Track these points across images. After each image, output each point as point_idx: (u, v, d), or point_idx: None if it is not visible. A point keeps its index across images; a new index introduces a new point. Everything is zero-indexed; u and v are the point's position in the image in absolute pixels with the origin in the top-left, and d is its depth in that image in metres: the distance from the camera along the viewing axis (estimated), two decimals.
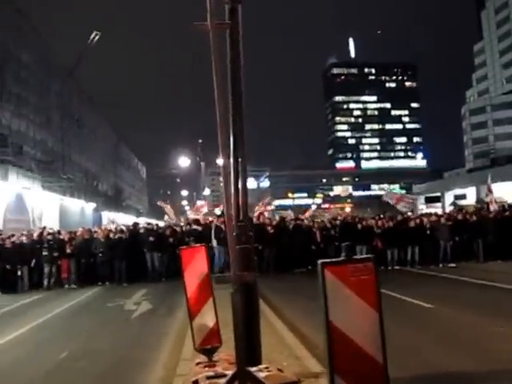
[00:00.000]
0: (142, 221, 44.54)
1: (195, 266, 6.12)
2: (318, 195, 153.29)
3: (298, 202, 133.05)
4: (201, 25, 4.90)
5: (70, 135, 55.37)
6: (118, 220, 43.75)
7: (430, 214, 23.68)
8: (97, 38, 60.66)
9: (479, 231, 19.78)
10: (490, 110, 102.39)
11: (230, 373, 5.11)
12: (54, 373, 7.41)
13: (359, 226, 20.55)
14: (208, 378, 5.09)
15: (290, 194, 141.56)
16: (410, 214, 26.11)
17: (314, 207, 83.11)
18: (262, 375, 4.85)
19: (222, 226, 19.66)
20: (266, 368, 5.22)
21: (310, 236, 19.99)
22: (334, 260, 3.25)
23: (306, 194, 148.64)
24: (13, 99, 39.37)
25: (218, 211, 25.74)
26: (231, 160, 5.38)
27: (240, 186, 5.40)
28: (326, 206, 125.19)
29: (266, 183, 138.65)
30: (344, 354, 3.05)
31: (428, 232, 20.03)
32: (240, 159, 5.42)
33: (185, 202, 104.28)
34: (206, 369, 5.74)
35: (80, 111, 59.91)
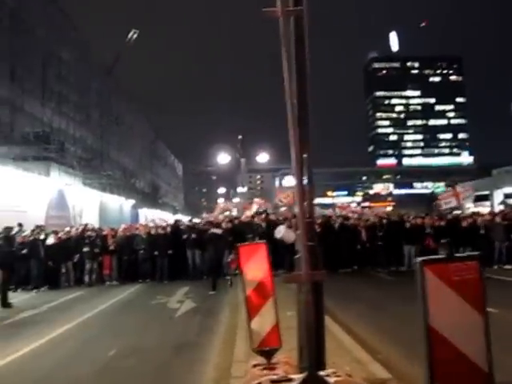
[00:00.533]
0: (178, 218, 44.72)
1: (255, 263, 5.78)
2: (358, 193, 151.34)
3: (337, 200, 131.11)
4: (271, 11, 4.70)
5: (108, 133, 55.88)
6: (155, 217, 43.89)
7: (481, 214, 22.79)
8: (135, 36, 61.07)
9: None
10: None
11: (295, 377, 4.77)
12: (103, 371, 7.23)
13: (407, 224, 19.92)
14: (272, 381, 4.73)
15: (329, 193, 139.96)
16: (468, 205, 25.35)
17: (353, 205, 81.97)
18: (331, 381, 4.48)
19: (263, 224, 19.45)
20: (334, 373, 4.84)
21: (356, 235, 19.46)
22: (434, 257, 2.89)
23: (345, 192, 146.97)
24: (54, 97, 39.83)
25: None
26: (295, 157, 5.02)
27: (306, 183, 5.06)
28: (367, 204, 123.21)
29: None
30: (445, 360, 2.70)
31: (482, 232, 19.21)
32: (306, 156, 5.08)
33: (221, 200, 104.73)
34: (265, 371, 5.39)
35: (118, 109, 60.40)
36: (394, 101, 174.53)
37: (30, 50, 34.86)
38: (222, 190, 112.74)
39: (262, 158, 40.73)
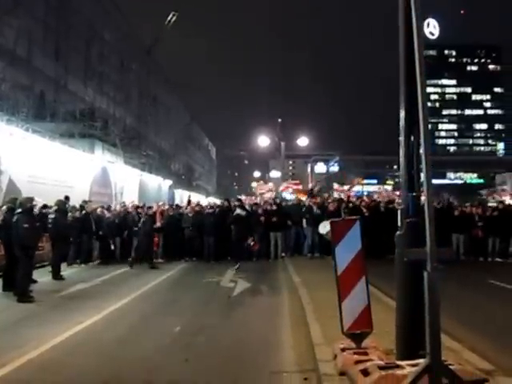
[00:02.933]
0: (211, 200, 44.70)
1: (348, 241, 5.51)
2: (389, 182, 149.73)
3: (367, 188, 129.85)
4: None
5: (146, 114, 55.98)
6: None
7: None
8: (174, 18, 60.84)
9: None
10: None
11: (403, 363, 4.51)
12: (173, 348, 7.05)
13: (456, 212, 19.39)
14: (380, 367, 4.45)
15: (359, 180, 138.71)
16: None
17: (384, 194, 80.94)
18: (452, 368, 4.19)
19: (314, 206, 19.15)
20: (445, 361, 4.54)
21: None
22: None
23: (375, 181, 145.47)
24: (96, 77, 39.87)
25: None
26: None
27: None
28: (397, 193, 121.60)
29: (335, 168, 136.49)
30: None
31: None
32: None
33: (254, 184, 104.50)
34: (357, 356, 5.12)
35: (156, 90, 60.45)
36: (429, 89, 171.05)
37: (75, 30, 34.87)
38: (256, 174, 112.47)
39: (302, 141, 40.18)
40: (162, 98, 63.58)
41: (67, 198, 16.84)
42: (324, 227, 6.92)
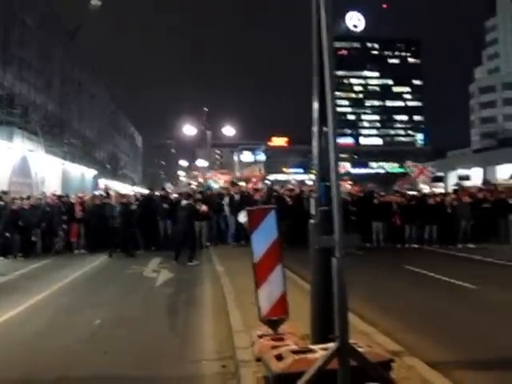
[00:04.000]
0: (137, 190, 44.09)
1: (264, 229, 5.59)
2: (314, 171, 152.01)
3: (293, 177, 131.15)
4: None
5: (69, 101, 54.46)
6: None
7: (443, 194, 23.08)
8: (99, 3, 59.38)
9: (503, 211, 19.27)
10: (500, 88, 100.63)
11: (316, 347, 4.64)
12: (93, 341, 6.98)
13: (375, 201, 20.01)
14: (293, 352, 4.57)
15: (284, 169, 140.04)
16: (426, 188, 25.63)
17: (310, 183, 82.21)
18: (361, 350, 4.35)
19: (237, 195, 19.28)
20: (355, 344, 4.72)
21: None
22: None
23: (301, 170, 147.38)
24: (15, 62, 38.41)
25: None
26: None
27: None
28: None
29: (262, 157, 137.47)
30: None
31: (449, 211, 19.37)
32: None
33: (182, 173, 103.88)
34: (274, 342, 5.23)
35: (80, 78, 58.92)
36: (353, 80, 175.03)
37: None
38: (183, 163, 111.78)
39: (228, 131, 40.32)
40: (87, 85, 62.09)
41: None
42: (243, 216, 7.02)
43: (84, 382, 5.52)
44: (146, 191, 26.85)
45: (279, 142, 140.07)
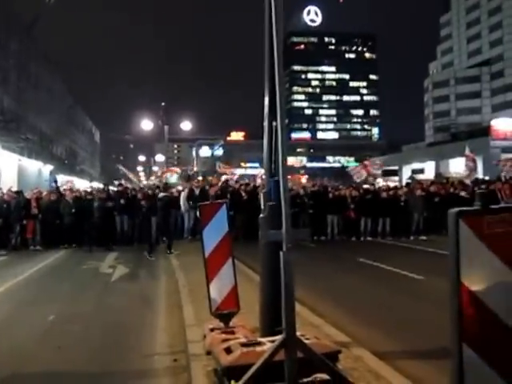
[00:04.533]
0: (95, 185, 43.49)
1: (215, 224, 5.66)
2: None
3: (250, 171, 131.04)
4: None
5: (26, 95, 53.37)
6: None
7: (395, 187, 23.62)
8: None
9: (454, 204, 19.75)
10: (453, 83, 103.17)
11: (264, 340, 4.73)
12: (46, 337, 6.96)
13: (330, 195, 20.29)
14: (243, 345, 4.65)
15: (242, 164, 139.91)
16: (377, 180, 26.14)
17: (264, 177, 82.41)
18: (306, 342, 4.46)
19: (196, 190, 19.26)
20: (303, 336, 4.83)
21: None
22: (469, 209, 2.72)
23: (257, 164, 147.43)
24: None
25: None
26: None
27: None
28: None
29: (220, 151, 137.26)
30: (475, 319, 2.62)
31: (402, 204, 19.83)
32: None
33: (140, 168, 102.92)
34: (224, 335, 5.30)
35: (36, 71, 57.81)
36: (310, 75, 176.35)
37: None
38: (141, 158, 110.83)
39: (185, 125, 40.30)
40: (44, 80, 60.98)
41: None
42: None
43: (36, 379, 5.51)
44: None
45: (237, 136, 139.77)
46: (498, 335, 2.67)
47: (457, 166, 37.68)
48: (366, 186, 23.78)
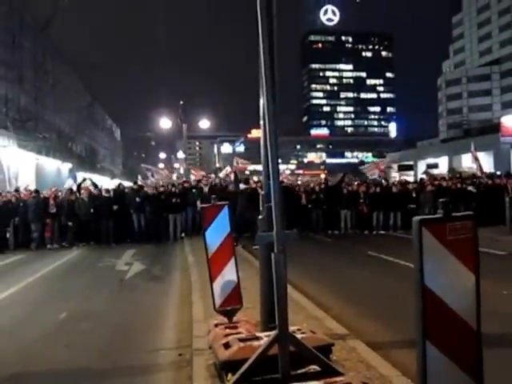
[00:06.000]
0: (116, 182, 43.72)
1: (217, 225, 5.87)
2: (292, 161, 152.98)
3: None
4: None
5: (43, 94, 53.70)
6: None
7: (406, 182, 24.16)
8: None
9: (463, 199, 19.90)
10: (465, 81, 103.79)
11: (261, 335, 4.94)
12: (57, 335, 7.11)
13: (345, 190, 20.63)
14: (240, 340, 4.87)
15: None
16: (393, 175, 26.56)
17: (287, 172, 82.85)
18: (298, 337, 4.67)
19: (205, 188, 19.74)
20: (299, 330, 5.05)
21: (296, 198, 19.84)
22: (432, 217, 2.95)
23: (279, 160, 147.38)
24: None
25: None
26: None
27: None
28: (300, 171, 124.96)
29: (241, 148, 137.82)
30: (438, 319, 2.83)
31: (414, 196, 20.37)
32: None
33: (161, 165, 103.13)
34: (227, 330, 5.52)
35: (53, 70, 58.14)
36: (328, 73, 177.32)
37: None
38: (162, 156, 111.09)
39: (204, 124, 40.46)
40: (61, 78, 61.25)
41: None
42: None
43: (42, 377, 5.64)
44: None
45: (257, 134, 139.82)
46: (459, 333, 2.88)
47: (469, 162, 38.03)
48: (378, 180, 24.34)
